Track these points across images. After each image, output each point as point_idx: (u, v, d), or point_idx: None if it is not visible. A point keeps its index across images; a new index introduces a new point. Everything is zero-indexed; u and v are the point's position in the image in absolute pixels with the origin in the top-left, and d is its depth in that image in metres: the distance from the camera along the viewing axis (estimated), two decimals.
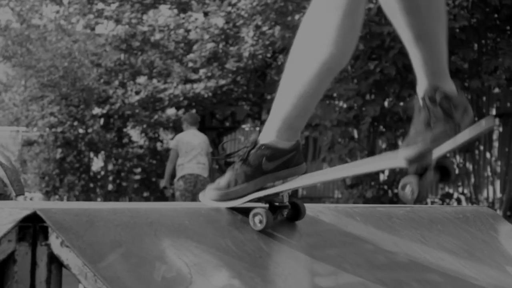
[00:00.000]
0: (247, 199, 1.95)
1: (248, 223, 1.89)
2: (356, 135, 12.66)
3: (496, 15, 12.12)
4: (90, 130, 15.36)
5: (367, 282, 1.90)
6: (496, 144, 12.89)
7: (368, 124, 12.17)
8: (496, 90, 12.57)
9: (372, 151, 12.81)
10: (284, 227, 1.95)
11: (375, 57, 12.11)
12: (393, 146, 12.97)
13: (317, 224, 2.05)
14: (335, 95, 12.76)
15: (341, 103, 12.72)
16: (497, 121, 12.93)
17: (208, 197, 2.00)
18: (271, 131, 2.01)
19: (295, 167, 2.00)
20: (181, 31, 14.67)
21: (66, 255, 1.50)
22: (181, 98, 14.45)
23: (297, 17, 12.03)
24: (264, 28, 13.02)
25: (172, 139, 16.40)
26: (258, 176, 1.98)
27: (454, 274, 2.04)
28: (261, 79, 15.37)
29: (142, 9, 15.26)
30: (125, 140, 15.80)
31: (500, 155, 12.77)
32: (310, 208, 2.12)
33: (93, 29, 15.69)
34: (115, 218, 1.63)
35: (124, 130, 15.73)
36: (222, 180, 2.02)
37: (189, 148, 9.80)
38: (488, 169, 12.70)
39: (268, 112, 14.60)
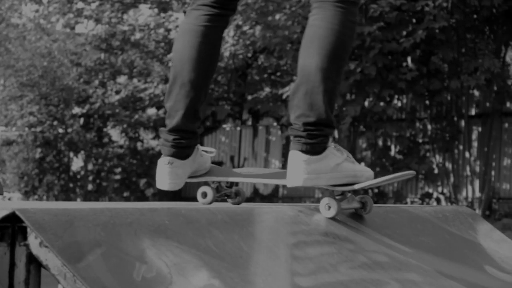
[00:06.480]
0: None
1: (229, 223, 1.89)
2: (336, 135, 12.68)
3: (475, 16, 12.18)
4: (69, 130, 15.29)
5: (347, 282, 1.90)
6: (475, 144, 12.96)
7: (348, 124, 12.19)
8: (476, 91, 12.64)
9: (352, 151, 12.84)
10: (264, 228, 1.95)
11: (355, 57, 12.14)
12: (373, 146, 13.01)
13: (297, 223, 2.05)
14: None
15: None
16: (476, 121, 13.00)
17: None
18: None
19: None
20: (161, 30, 14.64)
21: (45, 255, 1.50)
22: (162, 98, 14.41)
23: (277, 17, 12.04)
24: (245, 28, 13.01)
25: (152, 138, 16.36)
26: None
27: (433, 274, 2.05)
28: (241, 79, 15.36)
29: (122, 9, 15.20)
30: (105, 139, 15.74)
31: (479, 154, 12.84)
32: (291, 208, 2.12)
33: (73, 28, 15.60)
34: (94, 218, 1.62)
35: (104, 129, 15.66)
36: None
37: None
38: (467, 168, 12.76)
39: (248, 111, 14.58)
